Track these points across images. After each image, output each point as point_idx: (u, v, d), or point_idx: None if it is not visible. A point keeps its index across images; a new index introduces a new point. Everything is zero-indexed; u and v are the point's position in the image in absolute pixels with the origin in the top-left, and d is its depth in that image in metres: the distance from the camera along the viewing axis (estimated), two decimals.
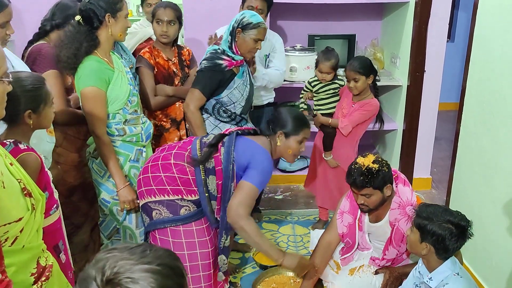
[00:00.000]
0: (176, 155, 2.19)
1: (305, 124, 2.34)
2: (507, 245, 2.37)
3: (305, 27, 4.14)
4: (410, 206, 2.20)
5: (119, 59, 2.39)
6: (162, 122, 2.77)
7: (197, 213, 2.18)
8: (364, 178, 2.12)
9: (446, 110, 5.16)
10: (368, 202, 2.20)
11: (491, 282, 2.56)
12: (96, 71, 2.20)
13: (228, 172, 2.16)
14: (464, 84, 2.81)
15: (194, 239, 2.16)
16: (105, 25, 2.21)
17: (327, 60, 3.00)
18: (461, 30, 5.62)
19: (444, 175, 4.00)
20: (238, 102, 2.72)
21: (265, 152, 2.22)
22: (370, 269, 2.46)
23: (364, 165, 2.14)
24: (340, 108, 3.04)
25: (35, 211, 1.41)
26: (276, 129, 2.30)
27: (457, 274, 1.83)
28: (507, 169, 2.37)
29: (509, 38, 2.34)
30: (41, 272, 1.44)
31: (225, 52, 2.65)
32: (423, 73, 3.62)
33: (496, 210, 2.46)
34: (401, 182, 2.28)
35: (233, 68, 2.66)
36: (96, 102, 2.20)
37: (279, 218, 3.49)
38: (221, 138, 2.23)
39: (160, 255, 0.95)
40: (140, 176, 2.23)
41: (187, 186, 2.15)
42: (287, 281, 2.69)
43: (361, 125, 2.98)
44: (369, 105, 2.92)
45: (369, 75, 2.87)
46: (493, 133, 2.49)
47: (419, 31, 3.53)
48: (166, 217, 2.15)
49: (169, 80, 2.75)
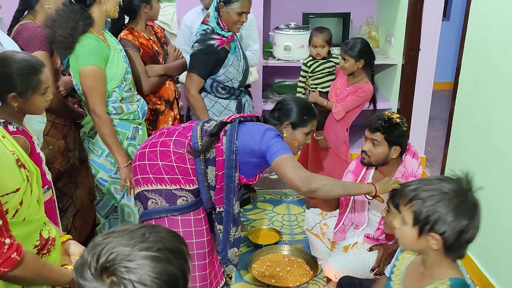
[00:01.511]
0: (175, 142, 2.08)
1: (313, 116, 2.21)
2: (499, 224, 2.39)
3: (300, 4, 4.09)
4: (413, 177, 2.21)
5: (111, 36, 2.36)
6: (156, 105, 2.70)
7: (195, 203, 2.09)
8: (382, 123, 2.19)
9: (441, 90, 5.15)
10: (372, 152, 2.23)
11: (484, 261, 2.58)
12: (96, 50, 2.17)
13: (231, 162, 2.05)
14: (459, 63, 2.79)
15: (191, 228, 2.09)
16: (98, 2, 2.16)
17: (320, 32, 3.01)
18: (457, 9, 5.57)
19: (438, 154, 4.02)
20: (236, 78, 2.70)
21: (273, 129, 2.09)
22: (364, 246, 2.47)
23: (388, 115, 2.22)
24: (334, 88, 3.03)
25: (31, 182, 1.41)
26: (283, 120, 2.16)
27: None
28: (500, 147, 2.38)
29: (506, 15, 2.32)
30: (44, 245, 1.44)
31: (214, 30, 2.61)
32: (418, 52, 3.60)
33: (490, 189, 2.48)
34: (410, 154, 2.30)
35: (225, 46, 2.64)
36: (97, 81, 2.18)
37: (274, 197, 3.50)
38: (222, 126, 2.09)
39: (161, 238, 0.90)
40: (136, 162, 2.11)
41: (185, 176, 2.05)
42: (282, 259, 2.72)
43: (353, 110, 2.99)
44: (361, 91, 2.92)
45: (359, 59, 2.85)
46: (487, 111, 2.49)
47: (415, 10, 3.50)
48: (162, 207, 2.06)
49: (155, 60, 2.68)
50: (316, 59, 3.07)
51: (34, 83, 1.66)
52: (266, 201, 3.45)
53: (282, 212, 3.31)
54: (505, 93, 2.33)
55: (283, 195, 3.54)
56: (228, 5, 2.56)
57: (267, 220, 3.20)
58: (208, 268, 2.23)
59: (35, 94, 1.68)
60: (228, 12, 2.57)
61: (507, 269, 2.38)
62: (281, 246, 2.82)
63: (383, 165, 2.29)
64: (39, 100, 1.71)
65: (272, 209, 3.35)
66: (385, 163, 2.27)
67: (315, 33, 3.03)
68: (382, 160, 2.25)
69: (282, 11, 4.11)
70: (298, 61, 3.73)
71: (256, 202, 3.41)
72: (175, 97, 2.77)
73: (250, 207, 3.34)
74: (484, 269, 2.59)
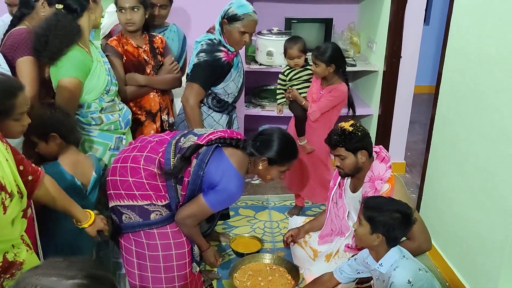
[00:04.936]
0: (146, 158, 2.03)
1: (293, 156, 2.15)
2: (478, 231, 2.43)
3: (282, 10, 4.08)
4: (380, 180, 2.28)
5: (96, 48, 2.33)
6: (136, 115, 2.63)
7: (170, 217, 2.08)
8: (338, 138, 2.29)
9: (420, 93, 5.21)
10: (343, 165, 2.33)
11: (461, 267, 2.63)
12: (79, 63, 2.15)
13: (195, 185, 2.02)
14: (440, 70, 2.82)
15: (170, 240, 2.09)
16: (87, 11, 2.15)
17: (294, 44, 3.01)
18: (437, 13, 5.64)
19: (418, 159, 4.07)
20: (233, 93, 2.67)
21: (235, 177, 2.03)
22: (346, 255, 2.50)
23: (341, 127, 2.31)
24: (310, 93, 3.05)
25: (6, 205, 1.37)
26: (262, 152, 2.08)
27: (403, 257, 1.95)
28: (479, 158, 2.41)
29: (486, 30, 2.35)
30: (6, 268, 1.41)
31: (221, 42, 2.56)
32: (400, 59, 3.63)
33: (468, 196, 2.51)
34: (379, 159, 2.35)
35: (230, 61, 2.59)
36: (74, 94, 2.16)
37: (256, 203, 3.49)
38: (196, 149, 2.03)
39: (84, 266, 0.92)
40: (109, 177, 2.08)
41: (156, 192, 2.02)
42: (263, 268, 2.71)
43: (332, 111, 3.00)
44: (335, 90, 2.94)
45: (330, 63, 2.87)
46: (467, 123, 2.53)
47: (396, 17, 3.52)
48: (136, 222, 2.05)
49: (140, 69, 2.61)
50: (294, 68, 3.08)
51: (7, 107, 1.55)
52: (248, 207, 3.44)
53: (264, 219, 3.30)
54: (485, 107, 2.36)
55: (264, 201, 3.53)
56: (231, 23, 2.50)
57: (249, 227, 3.19)
58: (189, 277, 2.22)
59: (8, 119, 1.57)
60: (230, 30, 2.51)
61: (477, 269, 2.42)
62: (263, 254, 2.81)
63: (359, 172, 2.36)
64: (12, 125, 1.60)
65: (254, 216, 3.34)
66: (359, 169, 2.35)
67: (289, 45, 3.02)
68: (354, 168, 2.35)
69: (265, 16, 4.07)
70: (280, 66, 3.72)
71: (237, 208, 3.40)
72: (159, 109, 2.69)
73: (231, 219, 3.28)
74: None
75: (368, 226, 1.92)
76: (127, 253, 2.14)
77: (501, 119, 2.22)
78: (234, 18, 2.48)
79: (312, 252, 2.65)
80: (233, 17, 2.49)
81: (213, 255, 2.34)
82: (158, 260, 2.11)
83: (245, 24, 2.49)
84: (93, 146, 2.33)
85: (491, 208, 2.31)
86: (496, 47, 2.26)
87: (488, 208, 2.34)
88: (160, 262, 2.11)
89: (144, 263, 2.11)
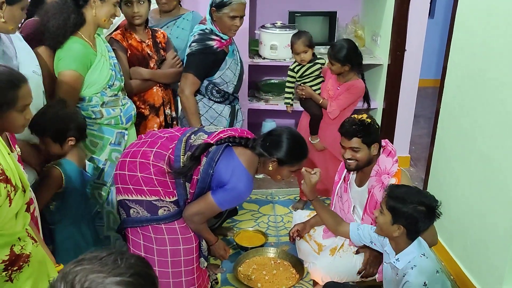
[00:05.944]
0: (156, 154, 2.04)
1: (304, 156, 2.13)
2: (483, 224, 2.43)
3: (286, 3, 4.06)
4: (387, 175, 2.26)
5: (104, 42, 2.33)
6: (140, 109, 2.65)
7: (178, 213, 2.09)
8: (357, 127, 2.22)
9: (425, 87, 5.18)
10: (356, 157, 2.26)
11: (466, 260, 2.62)
12: (79, 56, 2.15)
13: (205, 183, 2.03)
14: (445, 64, 2.81)
15: (178, 235, 2.10)
16: (90, 5, 2.15)
17: (297, 38, 2.98)
18: (441, 6, 5.61)
19: (422, 153, 4.06)
20: (231, 82, 2.67)
21: (245, 176, 2.03)
22: (351, 249, 2.49)
23: (358, 117, 2.25)
24: (326, 89, 3.02)
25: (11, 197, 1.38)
26: (272, 153, 2.05)
27: (423, 255, 1.87)
28: (484, 152, 2.40)
29: (491, 23, 2.33)
30: (13, 260, 1.41)
31: (213, 31, 2.56)
32: (404, 52, 3.61)
33: (473, 190, 2.51)
34: (386, 152, 2.33)
35: (224, 48, 2.59)
36: (73, 86, 2.16)
37: (260, 198, 3.49)
38: (205, 148, 2.03)
39: (132, 264, 0.92)
40: (117, 170, 2.09)
41: (165, 188, 2.03)
42: (268, 262, 2.72)
43: (349, 107, 2.99)
44: (354, 88, 2.93)
45: (345, 63, 2.85)
46: (472, 117, 2.51)
47: (401, 10, 3.50)
48: (144, 217, 2.06)
49: (143, 63, 2.64)
50: (302, 64, 3.06)
51: (10, 98, 1.52)
52: (252, 201, 3.44)
53: (268, 213, 3.31)
54: (490, 101, 2.34)
55: (269, 195, 3.53)
56: (220, 10, 2.51)
57: (253, 221, 3.19)
58: (196, 272, 2.23)
59: (11, 110, 1.54)
60: (220, 17, 2.52)
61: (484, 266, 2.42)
62: (267, 248, 2.82)
63: (369, 165, 2.33)
64: (15, 117, 1.55)
65: (258, 210, 3.34)
66: (370, 162, 2.31)
67: (294, 40, 2.99)
68: (367, 161, 2.30)
69: (268, 9, 4.08)
70: (284, 60, 3.72)
71: (241, 203, 3.40)
72: (162, 104, 2.71)
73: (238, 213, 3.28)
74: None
75: (390, 216, 1.84)
76: (134, 247, 2.15)
77: (506, 112, 2.21)
78: (221, 4, 2.51)
79: (317, 246, 2.65)
80: (221, 3, 2.51)
81: (223, 247, 2.35)
82: (166, 254, 2.11)
83: (234, 8, 2.51)
84: (93, 140, 2.33)
85: (496, 202, 2.30)
86: (501, 41, 2.24)
87: (493, 201, 2.33)
88: (168, 257, 2.12)
89: (152, 257, 2.11)
